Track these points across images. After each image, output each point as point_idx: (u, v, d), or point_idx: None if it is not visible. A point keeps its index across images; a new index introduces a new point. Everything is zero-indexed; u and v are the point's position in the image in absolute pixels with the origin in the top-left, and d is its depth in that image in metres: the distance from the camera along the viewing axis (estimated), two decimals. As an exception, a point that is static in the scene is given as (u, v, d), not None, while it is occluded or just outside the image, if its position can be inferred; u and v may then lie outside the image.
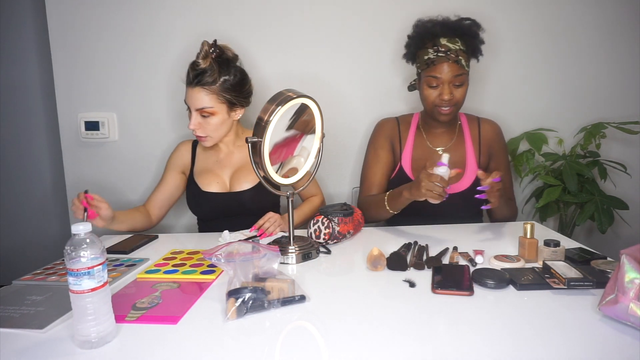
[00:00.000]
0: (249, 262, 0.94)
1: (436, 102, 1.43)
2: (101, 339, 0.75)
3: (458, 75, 1.38)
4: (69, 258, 0.73)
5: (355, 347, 0.74)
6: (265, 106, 1.10)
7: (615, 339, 0.75)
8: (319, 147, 1.25)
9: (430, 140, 1.55)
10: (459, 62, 1.38)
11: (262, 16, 1.83)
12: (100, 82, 1.87)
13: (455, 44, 1.38)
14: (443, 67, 1.38)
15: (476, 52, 1.46)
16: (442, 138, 1.55)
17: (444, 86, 1.39)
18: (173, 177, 1.55)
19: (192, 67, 1.39)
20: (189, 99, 1.41)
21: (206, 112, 1.40)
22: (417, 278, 1.01)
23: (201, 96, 1.39)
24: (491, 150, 1.55)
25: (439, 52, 1.38)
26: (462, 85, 1.41)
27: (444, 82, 1.39)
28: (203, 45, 1.38)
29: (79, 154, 1.93)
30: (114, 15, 1.83)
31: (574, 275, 0.94)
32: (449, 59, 1.37)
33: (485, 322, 0.83)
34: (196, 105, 1.40)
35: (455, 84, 1.40)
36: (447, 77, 1.38)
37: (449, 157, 1.24)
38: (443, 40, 1.39)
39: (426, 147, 1.55)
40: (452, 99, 1.41)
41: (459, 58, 1.38)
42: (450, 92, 1.40)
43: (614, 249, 1.32)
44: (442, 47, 1.38)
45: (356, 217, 1.34)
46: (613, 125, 1.73)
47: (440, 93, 1.41)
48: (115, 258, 1.21)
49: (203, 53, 1.38)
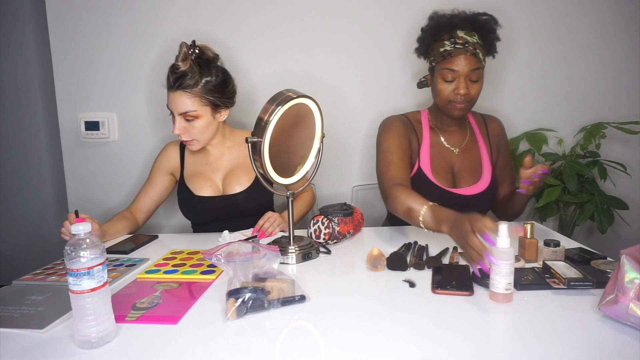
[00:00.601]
0: (249, 262, 0.94)
1: (451, 97, 1.35)
2: (101, 339, 0.75)
3: (475, 69, 1.31)
4: (68, 258, 0.73)
5: (355, 347, 0.74)
6: (265, 106, 1.10)
7: (615, 339, 0.75)
8: (319, 147, 1.25)
9: (446, 139, 1.47)
10: (476, 56, 1.31)
11: (262, 16, 1.83)
12: (100, 82, 1.87)
13: (473, 37, 1.32)
14: (460, 60, 1.30)
15: (492, 48, 1.40)
16: (456, 137, 1.48)
17: (460, 80, 1.32)
18: (161, 179, 1.52)
19: (171, 70, 1.34)
20: (171, 103, 1.37)
21: (190, 115, 1.36)
22: (417, 278, 1.01)
23: (183, 100, 1.34)
24: (499, 147, 1.52)
25: (457, 44, 1.31)
26: (478, 81, 1.34)
27: (460, 75, 1.32)
28: (181, 47, 1.33)
29: (79, 154, 1.93)
30: (114, 15, 1.83)
31: (573, 275, 0.94)
32: (467, 51, 1.30)
33: (485, 322, 0.83)
34: (179, 109, 1.36)
35: (472, 79, 1.33)
36: (464, 71, 1.31)
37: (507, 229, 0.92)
38: (460, 32, 1.32)
39: (443, 146, 1.46)
40: (468, 94, 1.33)
41: (476, 51, 1.31)
42: (466, 86, 1.32)
43: (614, 249, 1.31)
44: (460, 39, 1.31)
45: (356, 217, 1.34)
46: (613, 125, 1.73)
47: (455, 87, 1.33)
48: (115, 258, 1.21)
49: (182, 55, 1.32)
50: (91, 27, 1.84)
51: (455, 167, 1.46)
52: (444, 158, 1.45)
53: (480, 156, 1.47)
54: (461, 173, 1.45)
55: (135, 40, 1.84)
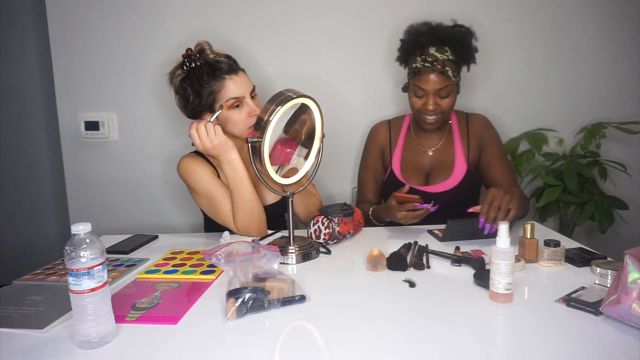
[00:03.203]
0: (249, 262, 0.94)
1: (422, 110, 1.44)
2: (101, 339, 0.75)
3: (443, 87, 1.38)
4: (68, 258, 0.73)
5: (355, 347, 0.74)
6: (265, 106, 1.10)
7: (617, 339, 0.75)
8: (319, 147, 1.25)
9: (420, 142, 1.57)
10: (444, 74, 1.37)
11: (262, 18, 1.83)
12: (100, 82, 1.87)
13: (444, 54, 1.38)
14: (429, 78, 1.38)
15: (468, 60, 1.45)
16: (431, 139, 1.56)
17: (429, 97, 1.40)
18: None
19: (216, 62, 1.29)
20: (240, 86, 1.29)
21: (254, 92, 1.33)
22: (417, 278, 1.01)
23: (246, 78, 1.33)
24: (481, 144, 1.53)
25: (426, 62, 1.38)
26: (448, 96, 1.41)
27: (428, 92, 1.39)
28: (202, 44, 1.32)
29: (79, 154, 1.92)
30: (114, 15, 1.83)
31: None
32: (435, 70, 1.36)
33: (485, 322, 0.83)
34: (249, 87, 1.32)
35: (441, 96, 1.40)
36: (432, 89, 1.38)
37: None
38: (432, 49, 1.38)
39: (416, 148, 1.57)
40: (437, 108, 1.41)
41: (445, 69, 1.37)
42: (434, 102, 1.40)
43: (614, 249, 1.32)
44: (430, 57, 1.37)
45: (356, 217, 1.34)
46: (613, 125, 1.73)
47: (424, 103, 1.42)
48: (115, 258, 1.21)
49: (208, 49, 1.32)
50: (91, 27, 1.84)
51: (427, 167, 1.56)
52: (416, 159, 1.56)
53: (454, 155, 1.53)
54: (433, 172, 1.54)
55: (136, 40, 1.84)
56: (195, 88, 1.29)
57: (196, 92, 1.30)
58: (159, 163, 1.91)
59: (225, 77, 1.29)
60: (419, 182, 1.53)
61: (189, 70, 1.30)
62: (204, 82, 1.28)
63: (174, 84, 1.34)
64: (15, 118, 2.37)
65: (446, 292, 0.96)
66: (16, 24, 2.30)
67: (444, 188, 1.49)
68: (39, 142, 2.39)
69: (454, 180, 1.49)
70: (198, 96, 1.30)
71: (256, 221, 1.30)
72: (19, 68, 2.33)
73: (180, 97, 1.34)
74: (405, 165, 1.56)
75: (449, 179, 1.50)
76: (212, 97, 1.30)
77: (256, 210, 1.30)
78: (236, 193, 1.28)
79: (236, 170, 1.26)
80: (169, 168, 1.90)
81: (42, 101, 2.34)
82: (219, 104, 1.30)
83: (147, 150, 1.91)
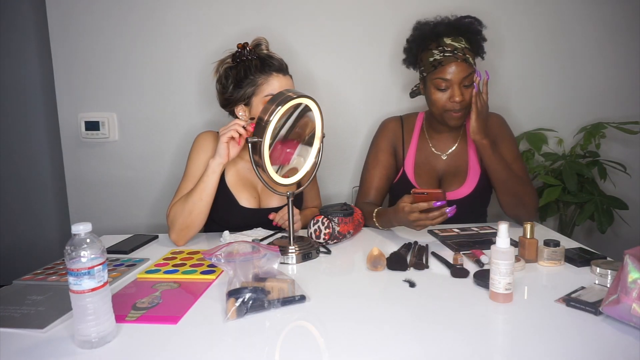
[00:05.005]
0: (249, 262, 0.94)
1: (447, 107, 1.36)
2: (101, 339, 0.75)
3: (467, 75, 1.32)
4: (69, 258, 0.73)
5: (355, 347, 0.74)
6: (266, 106, 1.11)
7: (617, 339, 0.75)
8: (319, 147, 1.25)
9: (434, 145, 1.51)
10: (467, 61, 1.32)
11: (262, 18, 1.83)
12: (100, 82, 1.87)
13: (460, 43, 1.34)
14: (451, 68, 1.32)
15: (480, 50, 1.42)
16: (446, 142, 1.50)
17: (454, 88, 1.33)
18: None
19: (270, 57, 1.34)
20: (285, 86, 1.31)
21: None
22: (417, 278, 1.01)
23: (292, 83, 1.37)
24: (495, 144, 1.48)
25: (446, 52, 1.32)
26: (471, 85, 1.34)
27: (453, 83, 1.33)
28: (261, 40, 1.37)
29: (79, 154, 1.93)
30: (114, 15, 1.83)
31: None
32: (457, 57, 1.31)
33: (485, 322, 0.83)
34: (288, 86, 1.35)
35: (465, 84, 1.34)
36: (457, 78, 1.32)
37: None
38: (447, 39, 1.34)
39: (429, 151, 1.51)
40: (464, 100, 1.34)
41: (466, 56, 1.33)
42: (460, 92, 1.33)
43: (614, 249, 1.32)
44: (448, 47, 1.32)
45: (356, 217, 1.34)
46: (613, 125, 1.73)
47: (450, 96, 1.34)
48: (116, 258, 1.21)
49: (264, 45, 1.36)
50: (91, 26, 1.84)
51: (440, 172, 1.50)
52: (430, 163, 1.50)
53: (468, 161, 1.48)
54: (446, 178, 1.48)
55: (136, 40, 1.84)
56: (239, 77, 1.33)
57: (238, 82, 1.33)
58: (159, 163, 1.91)
59: (273, 74, 1.31)
60: (431, 188, 1.43)
61: (239, 61, 1.33)
62: (249, 73, 1.32)
63: (219, 71, 1.37)
64: (15, 118, 2.37)
65: (446, 292, 0.96)
66: (17, 24, 2.30)
67: (457, 196, 1.43)
68: (40, 142, 2.39)
69: (467, 188, 1.44)
70: (238, 85, 1.33)
71: (184, 224, 1.29)
72: (19, 68, 2.33)
73: (220, 85, 1.37)
74: (419, 168, 1.49)
75: (462, 186, 1.44)
76: (252, 89, 1.32)
77: (193, 215, 1.29)
78: (193, 190, 1.30)
79: (207, 171, 1.29)
80: (169, 168, 1.90)
81: (42, 101, 2.34)
82: (257, 97, 1.32)
83: (147, 150, 1.91)
